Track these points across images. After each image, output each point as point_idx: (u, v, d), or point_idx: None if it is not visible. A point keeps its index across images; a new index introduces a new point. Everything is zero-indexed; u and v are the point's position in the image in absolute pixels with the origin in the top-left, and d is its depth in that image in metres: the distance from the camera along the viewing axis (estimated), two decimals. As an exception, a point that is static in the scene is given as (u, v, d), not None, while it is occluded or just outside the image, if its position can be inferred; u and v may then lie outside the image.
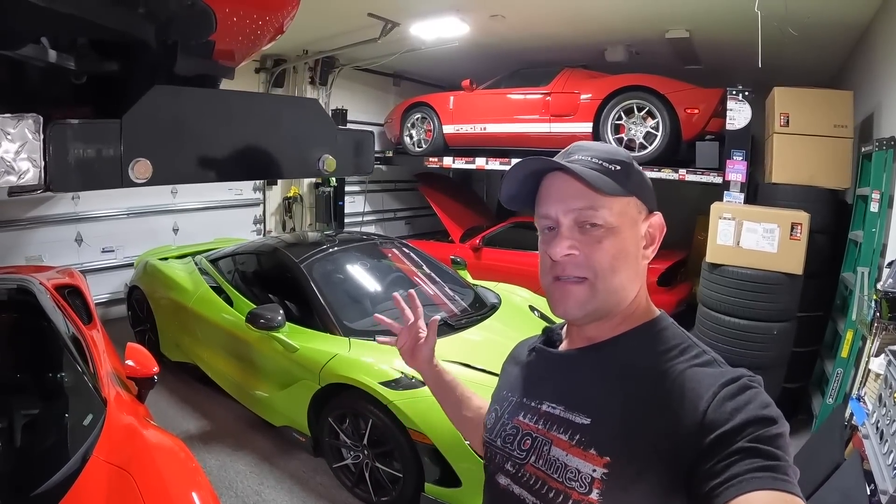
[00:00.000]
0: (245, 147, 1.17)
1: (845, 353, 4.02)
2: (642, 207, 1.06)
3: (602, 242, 0.99)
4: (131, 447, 2.25)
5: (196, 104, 1.09)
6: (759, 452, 0.79)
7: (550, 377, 1.12)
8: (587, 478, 0.92)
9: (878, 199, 3.99)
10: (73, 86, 1.30)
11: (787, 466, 0.79)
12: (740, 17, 5.03)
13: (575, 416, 1.00)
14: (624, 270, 1.02)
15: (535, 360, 1.19)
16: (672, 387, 0.93)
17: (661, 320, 1.07)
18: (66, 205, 6.40)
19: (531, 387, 1.14)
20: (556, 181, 1.04)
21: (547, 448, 1.01)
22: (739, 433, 0.81)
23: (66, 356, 2.80)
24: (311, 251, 4.53)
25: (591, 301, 1.01)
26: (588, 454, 0.94)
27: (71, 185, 0.94)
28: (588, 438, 0.96)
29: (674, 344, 1.01)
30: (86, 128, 0.95)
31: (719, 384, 0.89)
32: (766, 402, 0.86)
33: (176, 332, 5.06)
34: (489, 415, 1.22)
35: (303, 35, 6.94)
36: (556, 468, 0.98)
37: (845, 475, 2.39)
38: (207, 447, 4.10)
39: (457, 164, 7.81)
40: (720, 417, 0.84)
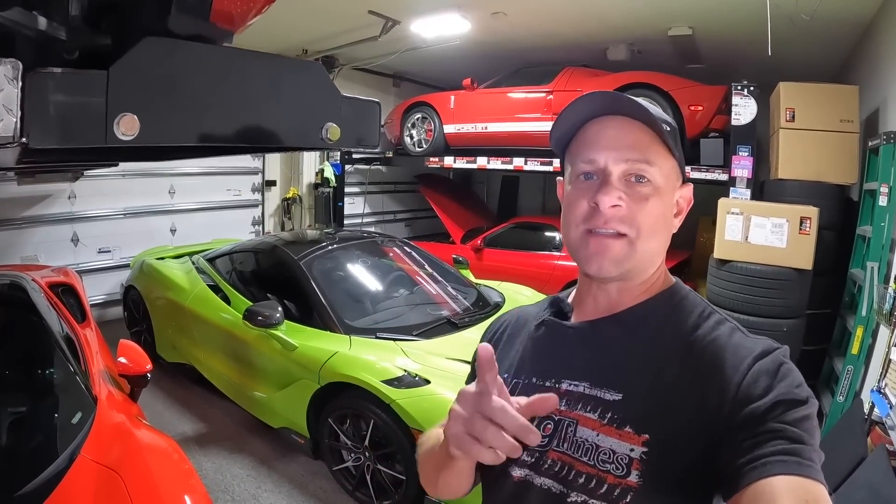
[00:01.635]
0: (242, 109, 1.09)
1: (855, 350, 3.96)
2: (680, 175, 1.01)
3: (648, 200, 0.93)
4: (121, 447, 2.17)
5: (190, 59, 1.00)
6: (787, 434, 0.76)
7: (568, 352, 1.01)
8: (624, 458, 0.84)
9: (887, 192, 3.94)
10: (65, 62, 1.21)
11: (811, 450, 0.75)
12: (744, 12, 4.99)
13: (604, 393, 0.92)
14: (662, 233, 0.97)
15: (545, 335, 1.07)
16: (704, 357, 0.88)
17: (680, 287, 1.02)
18: (63, 204, 6.33)
19: (543, 365, 1.03)
20: (609, 126, 0.96)
21: (573, 430, 0.92)
22: (770, 412, 0.78)
23: (56, 353, 2.72)
24: (310, 249, 4.45)
25: (628, 259, 0.94)
26: (623, 432, 0.86)
27: (49, 138, 0.85)
28: (622, 415, 0.88)
29: (698, 312, 0.96)
30: (69, 77, 0.86)
31: (753, 357, 0.84)
32: (799, 381, 0.82)
33: (172, 333, 4.98)
34: None
35: (302, 34, 6.88)
36: (586, 450, 0.89)
37: (871, 469, 2.32)
38: (204, 450, 4.01)
39: (458, 163, 7.75)
40: (754, 392, 0.80)
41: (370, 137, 1.36)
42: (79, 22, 1.14)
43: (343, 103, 1.27)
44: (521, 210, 10.57)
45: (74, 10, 1.13)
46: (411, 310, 4.19)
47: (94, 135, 0.89)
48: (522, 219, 8.06)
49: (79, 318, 3.57)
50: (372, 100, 1.36)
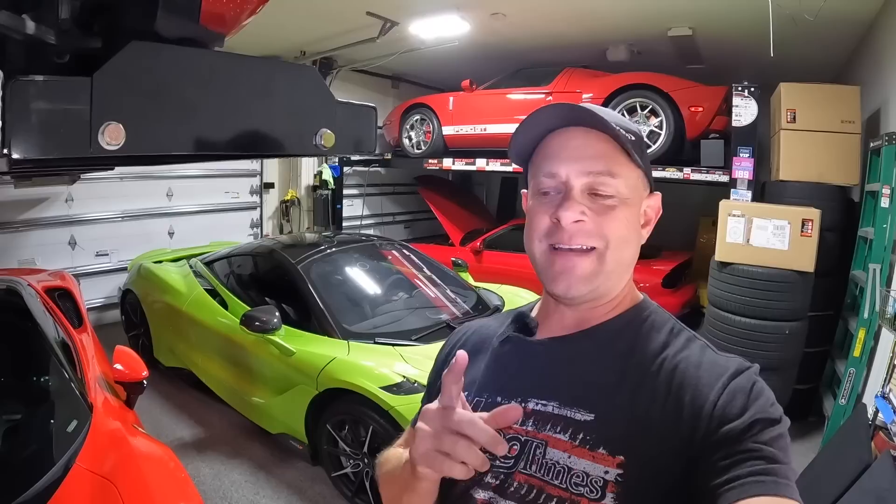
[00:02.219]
0: (233, 115, 1.06)
1: (857, 353, 3.93)
2: (647, 185, 0.97)
3: (614, 210, 0.90)
4: (117, 455, 2.14)
5: (178, 64, 0.97)
6: (763, 454, 0.74)
7: (534, 370, 0.96)
8: (598, 481, 0.80)
9: (889, 194, 3.91)
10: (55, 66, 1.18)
11: (787, 469, 0.75)
12: (745, 12, 4.97)
13: (574, 412, 0.87)
14: (633, 245, 0.94)
15: (509, 352, 1.02)
16: (679, 376, 0.85)
17: (647, 304, 0.99)
18: (60, 207, 6.31)
19: (507, 383, 0.98)
20: (572, 138, 0.92)
21: (541, 451, 0.87)
22: (747, 432, 0.76)
23: (52, 360, 2.70)
24: (308, 252, 4.42)
25: (597, 275, 0.90)
26: (597, 454, 0.82)
27: (32, 148, 0.82)
28: (595, 436, 0.84)
29: (667, 329, 0.94)
30: (52, 85, 0.83)
31: (727, 375, 0.83)
32: (771, 400, 0.81)
33: (170, 337, 4.95)
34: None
35: (300, 35, 6.85)
36: (557, 473, 0.84)
37: (877, 476, 2.28)
38: (202, 455, 3.98)
39: (457, 165, 7.71)
40: (730, 412, 0.78)
41: (367, 143, 1.33)
42: (69, 25, 1.11)
43: (338, 108, 1.24)
44: (521, 212, 10.50)
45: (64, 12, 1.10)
46: (410, 314, 4.16)
47: (78, 144, 0.86)
48: (522, 221, 7.98)
49: (75, 323, 3.53)
50: (368, 104, 1.33)
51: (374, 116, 1.36)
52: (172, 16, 1.00)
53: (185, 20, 1.03)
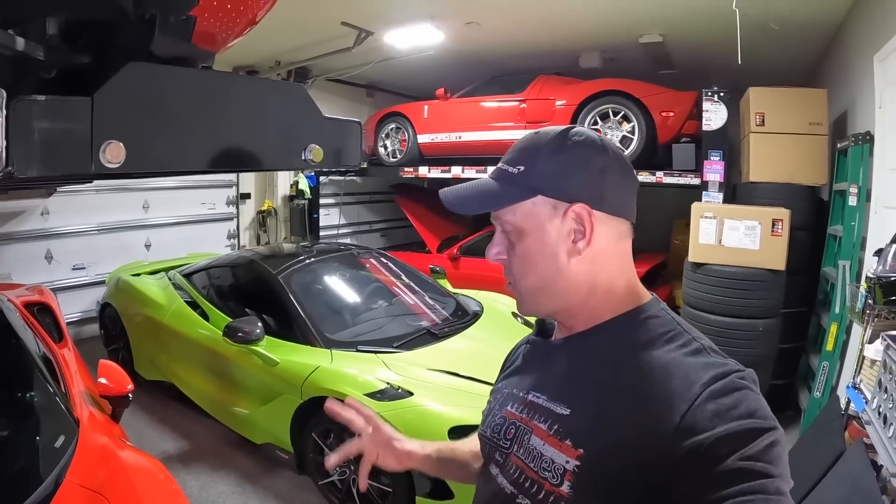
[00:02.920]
0: (227, 133, 1.09)
1: (830, 347, 4.04)
2: (556, 202, 0.97)
3: (515, 246, 1.00)
4: (106, 469, 2.13)
5: (175, 84, 1.00)
6: (751, 472, 0.73)
7: (538, 367, 1.09)
8: (560, 469, 0.89)
9: (856, 192, 4.03)
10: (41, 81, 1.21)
11: (779, 480, 0.74)
12: (714, 19, 5.08)
13: (556, 406, 0.96)
14: (536, 272, 1.00)
15: (529, 351, 1.16)
16: (652, 379, 0.87)
17: (648, 307, 1.00)
18: (36, 221, 6.22)
19: (521, 377, 1.11)
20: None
21: (527, 437, 0.98)
22: (721, 448, 0.75)
23: (35, 375, 2.67)
24: (288, 262, 4.44)
25: (523, 301, 1.04)
26: (563, 445, 0.90)
27: (35, 167, 0.84)
28: (565, 429, 0.92)
29: (660, 332, 0.94)
30: (53, 105, 0.86)
31: (703, 381, 0.82)
32: (752, 409, 0.79)
33: (151, 350, 4.91)
34: (485, 408, 1.19)
35: (275, 45, 6.85)
36: (533, 458, 0.95)
37: (850, 463, 2.36)
38: (187, 468, 3.96)
39: (432, 173, 7.74)
40: (699, 423, 0.78)
41: (352, 157, 1.37)
42: (57, 41, 1.13)
43: (325, 124, 1.28)
44: (497, 218, 10.60)
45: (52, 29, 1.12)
46: (391, 321, 4.19)
47: (79, 162, 0.89)
48: (497, 227, 8.08)
49: (55, 338, 3.50)
50: (353, 120, 1.38)
51: (360, 131, 1.40)
52: (167, 35, 1.03)
53: (178, 40, 1.06)
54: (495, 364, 1.28)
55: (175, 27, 1.03)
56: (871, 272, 2.62)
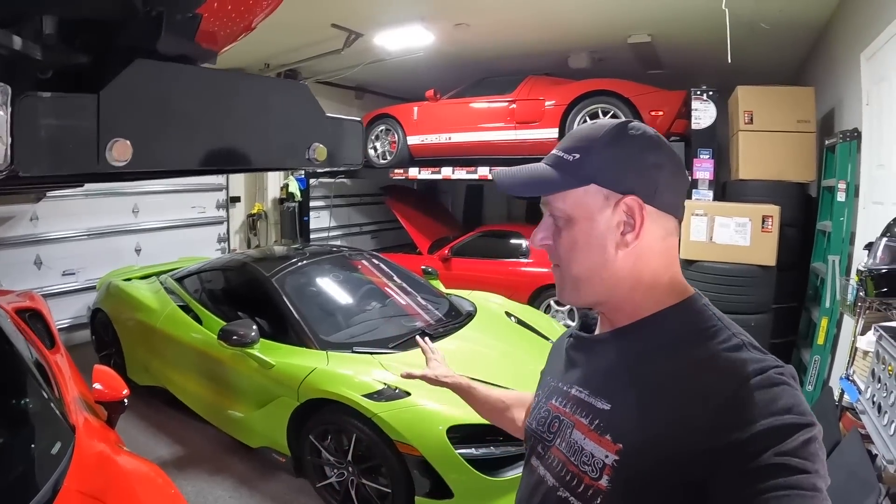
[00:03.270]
0: (233, 131, 1.09)
1: (821, 341, 4.08)
2: (609, 193, 0.96)
3: (562, 233, 1.00)
4: (105, 475, 2.11)
5: (182, 81, 1.00)
6: (788, 467, 0.73)
7: (581, 361, 1.09)
8: (599, 463, 0.90)
9: (845, 188, 4.07)
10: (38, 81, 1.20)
11: (815, 477, 0.73)
12: (702, 19, 5.11)
13: (597, 401, 0.97)
14: (582, 261, 0.99)
15: (572, 345, 1.15)
16: (692, 375, 0.87)
17: (691, 302, 0.98)
18: (25, 226, 6.16)
19: (566, 371, 1.11)
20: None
21: (569, 431, 1.00)
22: (764, 442, 0.75)
23: (29, 382, 2.64)
24: (281, 265, 4.42)
25: (564, 287, 1.03)
26: (603, 439, 0.91)
27: (40, 165, 0.83)
28: (605, 424, 0.93)
29: (702, 328, 0.93)
30: (59, 102, 0.85)
31: (742, 376, 0.82)
32: (790, 405, 0.78)
33: (143, 355, 4.87)
34: (533, 400, 1.21)
35: (265, 48, 6.83)
36: (574, 451, 0.96)
37: (846, 453, 2.39)
38: (183, 474, 3.93)
39: (423, 174, 7.75)
40: (738, 418, 0.78)
41: (354, 156, 1.37)
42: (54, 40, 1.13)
43: (328, 123, 1.28)
44: (487, 218, 10.64)
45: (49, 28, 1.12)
46: (385, 322, 4.18)
47: (85, 160, 0.88)
48: (488, 227, 8.11)
49: (48, 344, 3.47)
50: (355, 119, 1.37)
51: (362, 130, 1.40)
52: (173, 34, 1.03)
53: (183, 38, 1.06)
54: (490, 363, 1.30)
55: (180, 25, 1.03)
56: (863, 265, 2.65)
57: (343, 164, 1.37)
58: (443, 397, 3.16)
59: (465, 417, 2.92)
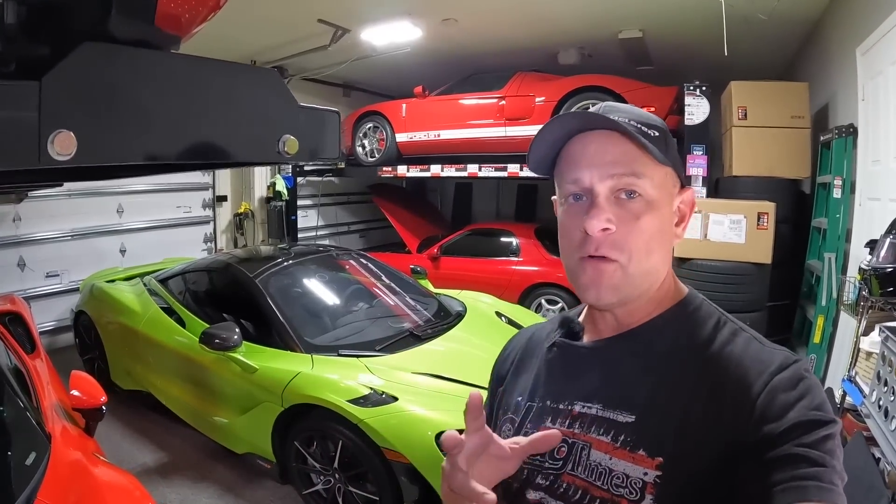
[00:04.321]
0: (192, 122, 0.99)
1: (818, 339, 4.04)
2: (677, 181, 0.94)
3: (640, 218, 0.87)
4: (79, 487, 2.04)
5: (134, 66, 0.90)
6: (807, 459, 0.71)
7: (580, 373, 0.97)
8: (637, 482, 0.80)
9: (840, 185, 4.03)
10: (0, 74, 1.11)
11: (833, 472, 0.71)
12: (694, 14, 5.07)
13: (616, 415, 0.87)
14: (658, 251, 0.90)
15: (557, 357, 1.03)
16: (720, 373, 0.83)
17: (692, 298, 0.96)
18: (7, 227, 6.05)
19: (556, 387, 0.99)
20: (591, 142, 0.90)
21: (586, 453, 0.88)
22: (788, 435, 0.73)
23: (5, 389, 2.55)
24: (265, 266, 4.32)
25: (624, 284, 0.89)
26: (637, 456, 0.82)
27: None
28: (635, 438, 0.83)
29: (712, 323, 0.90)
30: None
31: (769, 372, 0.80)
32: (819, 400, 0.77)
33: (126, 359, 4.77)
34: (502, 427, 1.05)
35: (250, 44, 6.76)
36: (599, 474, 0.85)
37: (851, 456, 2.31)
38: (167, 480, 3.84)
39: (411, 172, 7.69)
40: (771, 412, 0.76)
41: (330, 149, 1.27)
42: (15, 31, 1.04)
43: (301, 113, 1.18)
44: (476, 216, 10.56)
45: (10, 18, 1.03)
46: (372, 324, 4.09)
47: (25, 155, 0.78)
48: (478, 225, 8.05)
49: (28, 349, 3.38)
50: (331, 109, 1.28)
51: (338, 121, 1.31)
52: (126, 16, 0.93)
53: (139, 21, 0.96)
54: (480, 365, 1.20)
55: (135, 6, 0.94)
56: (866, 263, 2.60)
57: (318, 157, 1.28)
58: (430, 403, 3.09)
59: (453, 423, 2.83)
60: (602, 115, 0.88)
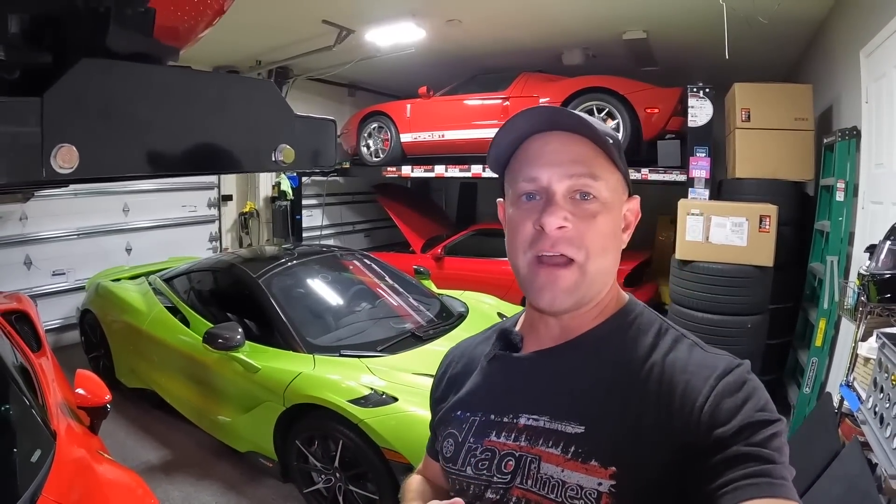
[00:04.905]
0: (189, 133, 1.02)
1: (819, 343, 4.03)
2: (626, 188, 0.97)
3: (596, 218, 0.89)
4: (83, 484, 2.07)
5: (131, 81, 0.93)
6: (757, 457, 0.74)
7: (524, 385, 0.97)
8: (592, 493, 0.80)
9: (843, 188, 4.02)
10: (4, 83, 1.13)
11: (782, 468, 0.74)
12: (699, 15, 5.06)
13: (565, 426, 0.88)
14: (612, 252, 0.93)
15: (498, 369, 1.03)
16: (665, 380, 0.85)
17: (633, 305, 0.99)
18: (14, 226, 6.09)
19: (498, 400, 0.99)
20: (550, 141, 0.92)
21: (535, 466, 0.88)
22: (738, 436, 0.76)
23: (11, 387, 2.58)
24: (269, 266, 4.35)
25: (579, 287, 0.90)
26: (590, 466, 0.82)
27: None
28: (586, 449, 0.84)
29: (654, 330, 0.93)
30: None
31: (715, 377, 0.82)
32: (764, 400, 0.80)
33: (131, 357, 4.81)
34: (444, 443, 1.04)
35: (256, 45, 6.78)
36: (552, 487, 0.84)
37: (846, 463, 2.33)
38: (169, 478, 3.88)
39: (416, 172, 7.67)
40: (718, 417, 0.78)
41: (326, 157, 1.30)
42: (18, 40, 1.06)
43: (297, 123, 1.20)
44: (480, 217, 10.53)
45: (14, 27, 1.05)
46: (374, 324, 4.12)
47: (29, 169, 0.81)
48: (482, 226, 8.03)
49: (34, 347, 3.41)
50: (327, 118, 1.30)
51: (334, 130, 1.33)
52: (124, 30, 0.96)
53: (137, 35, 0.99)
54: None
55: (133, 20, 0.96)
56: (864, 269, 2.60)
57: (314, 165, 1.30)
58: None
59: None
60: (570, 113, 0.90)
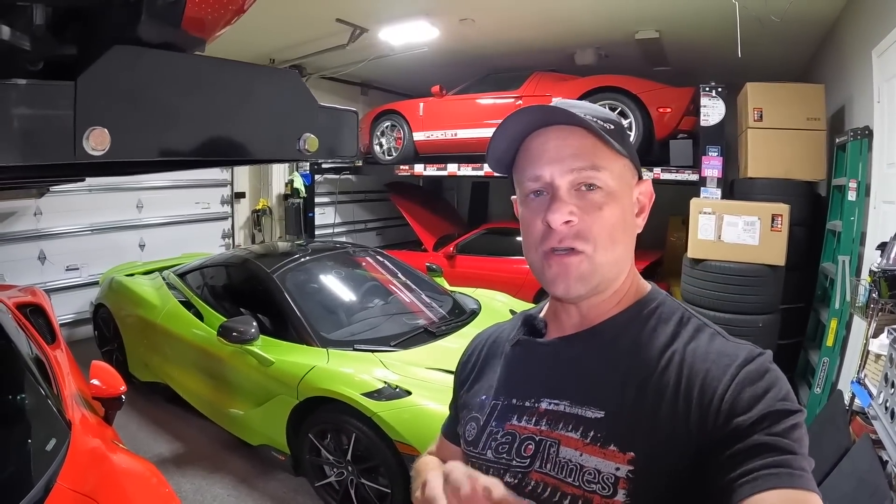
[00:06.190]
0: (217, 120, 1.04)
1: (830, 342, 4.02)
2: (634, 172, 0.98)
3: (602, 209, 0.90)
4: (98, 473, 2.08)
5: (162, 68, 0.95)
6: (776, 447, 0.73)
7: (545, 370, 0.98)
8: (610, 478, 0.81)
9: (855, 188, 4.01)
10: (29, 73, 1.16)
11: (802, 459, 0.74)
12: (711, 14, 5.06)
13: (585, 411, 0.88)
14: (622, 241, 0.93)
15: (520, 354, 1.04)
16: (685, 368, 0.85)
17: (655, 293, 1.00)
18: (28, 221, 6.16)
19: (520, 385, 1.00)
20: (550, 138, 0.93)
21: (555, 450, 0.88)
22: (758, 425, 0.75)
23: (27, 377, 2.62)
24: (282, 261, 4.38)
25: (593, 274, 0.91)
26: (608, 451, 0.83)
27: (13, 155, 0.79)
28: (605, 434, 0.84)
29: (676, 318, 0.93)
30: (34, 89, 0.81)
31: (736, 365, 0.82)
32: (785, 390, 0.80)
33: (144, 351, 4.86)
34: (466, 426, 1.05)
35: (270, 43, 6.82)
36: (570, 471, 0.85)
37: (856, 459, 2.33)
38: (181, 470, 3.91)
39: (428, 171, 7.69)
40: (739, 406, 0.78)
41: (348, 147, 1.31)
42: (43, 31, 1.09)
43: (320, 113, 1.22)
44: (492, 216, 10.55)
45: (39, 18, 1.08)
46: (387, 320, 4.14)
47: (61, 150, 0.84)
48: (494, 224, 8.05)
49: (48, 340, 3.45)
50: (349, 109, 1.32)
51: (356, 121, 1.35)
52: (155, 20, 0.98)
53: (167, 25, 1.01)
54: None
55: (163, 11, 0.98)
56: (876, 266, 2.60)
57: (336, 155, 1.32)
58: (444, 398, 3.12)
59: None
60: (562, 109, 0.90)
